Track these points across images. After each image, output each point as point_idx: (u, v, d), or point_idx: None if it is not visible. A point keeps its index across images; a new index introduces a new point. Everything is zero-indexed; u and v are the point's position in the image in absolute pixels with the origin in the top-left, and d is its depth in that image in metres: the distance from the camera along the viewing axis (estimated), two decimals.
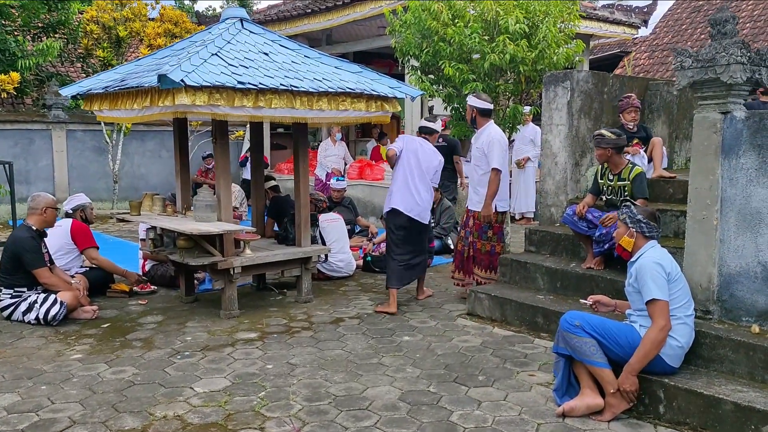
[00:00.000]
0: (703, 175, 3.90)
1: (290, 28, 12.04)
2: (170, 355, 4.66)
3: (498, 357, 4.64)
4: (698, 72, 3.80)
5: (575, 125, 6.16)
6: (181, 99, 4.64)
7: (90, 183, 12.28)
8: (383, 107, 5.79)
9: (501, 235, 6.13)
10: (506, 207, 6.15)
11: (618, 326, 3.70)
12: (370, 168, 11.40)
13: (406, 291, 6.35)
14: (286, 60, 5.53)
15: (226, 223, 5.43)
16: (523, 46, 7.27)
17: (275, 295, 6.38)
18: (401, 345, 4.90)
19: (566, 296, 5.30)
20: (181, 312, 5.78)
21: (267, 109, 5.09)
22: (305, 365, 4.48)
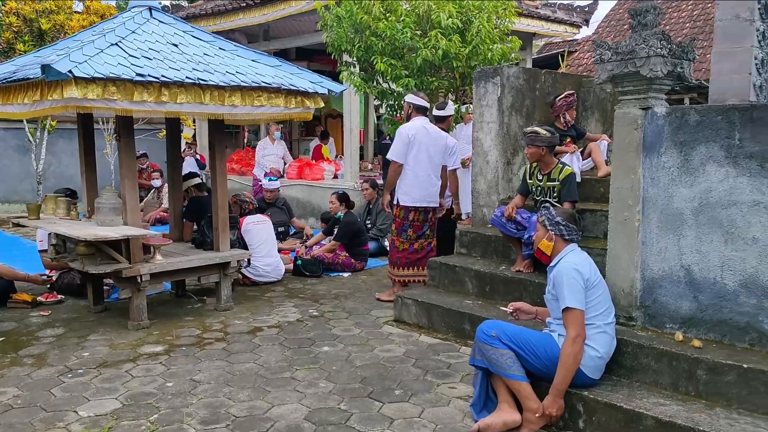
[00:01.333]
0: (624, 174, 3.70)
1: (225, 23, 11.60)
2: (61, 373, 4.25)
3: (419, 368, 4.36)
4: (618, 65, 3.59)
5: (506, 122, 5.94)
6: (71, 92, 4.23)
7: (12, 184, 11.62)
8: (304, 103, 5.47)
9: (399, 230, 6.04)
10: (407, 202, 5.99)
11: (536, 336, 3.47)
12: (309, 168, 11.05)
13: (335, 293, 6.04)
14: (198, 52, 5.16)
15: (132, 227, 5.02)
16: (456, 41, 7.06)
17: (194, 303, 5.99)
18: (319, 356, 4.59)
19: (495, 301, 5.07)
20: (85, 323, 5.35)
21: (172, 104, 4.71)
22: (210, 381, 4.12)
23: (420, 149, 5.95)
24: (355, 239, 7.40)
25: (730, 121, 3.32)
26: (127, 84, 4.48)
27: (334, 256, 7.29)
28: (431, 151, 5.99)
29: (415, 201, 5.97)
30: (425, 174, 5.96)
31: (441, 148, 6.09)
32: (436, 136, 6.05)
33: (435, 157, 6.02)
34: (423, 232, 6.07)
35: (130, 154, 5.12)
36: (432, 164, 6.00)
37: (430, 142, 5.99)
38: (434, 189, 6.04)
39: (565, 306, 3.31)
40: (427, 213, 6.05)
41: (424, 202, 6.00)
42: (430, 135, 6.00)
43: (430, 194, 6.00)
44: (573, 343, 3.26)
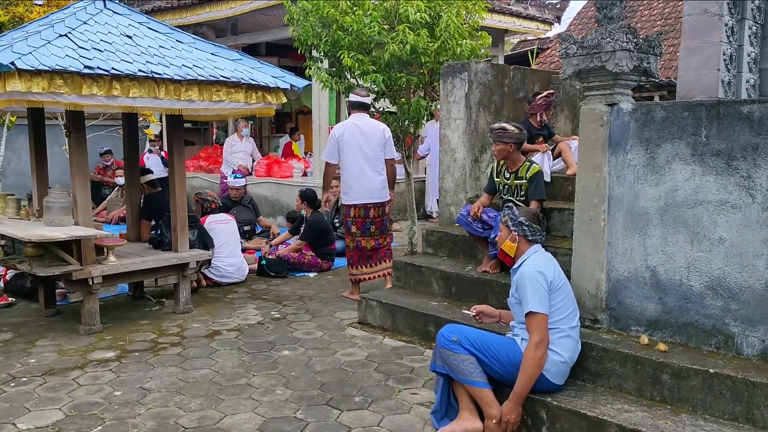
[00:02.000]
0: (589, 172, 3.59)
1: (192, 17, 11.33)
2: (3, 382, 4.03)
3: (381, 373, 4.22)
4: (583, 60, 3.47)
5: (474, 119, 5.82)
6: (14, 85, 4.00)
7: None
8: (265, 99, 5.28)
9: (346, 228, 6.10)
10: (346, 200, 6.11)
11: (498, 341, 3.34)
12: (278, 165, 10.85)
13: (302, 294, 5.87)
14: (153, 44, 4.95)
15: (81, 227, 4.80)
16: (424, 36, 6.90)
17: (151, 306, 5.78)
18: (278, 361, 4.42)
19: (461, 302, 4.94)
20: (35, 328, 5.12)
21: (124, 98, 4.50)
22: (161, 390, 3.93)
23: (350, 147, 5.90)
24: (322, 238, 7.23)
25: (697, 118, 3.22)
26: (75, 77, 4.25)
27: (300, 256, 7.12)
28: (364, 147, 5.92)
29: (352, 199, 5.97)
30: (359, 170, 5.92)
31: (376, 141, 5.97)
32: (368, 131, 5.96)
33: (370, 152, 5.93)
34: (367, 229, 6.01)
35: (81, 150, 4.90)
36: (367, 159, 5.93)
37: (362, 137, 5.92)
38: (373, 184, 5.95)
39: (529, 310, 3.18)
40: (368, 209, 5.98)
41: (363, 198, 5.95)
42: (361, 130, 5.94)
43: (367, 190, 5.94)
44: (536, 348, 3.14)
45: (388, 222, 6.24)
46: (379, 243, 6.09)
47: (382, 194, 6.00)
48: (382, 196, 6.00)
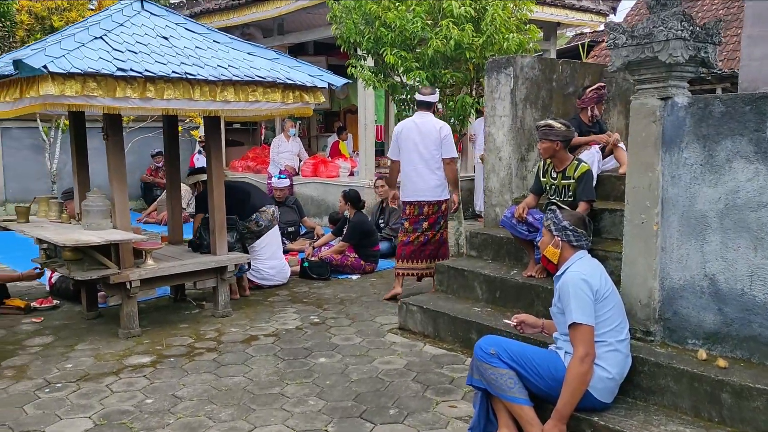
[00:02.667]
0: (641, 172, 3.32)
1: (239, 17, 11.35)
2: (39, 387, 4.02)
3: (420, 383, 4.03)
4: (633, 50, 3.20)
5: (520, 116, 5.56)
6: (47, 89, 3.98)
7: (27, 183, 11.53)
8: (302, 98, 5.15)
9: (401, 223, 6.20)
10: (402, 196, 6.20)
11: (540, 354, 3.11)
12: (324, 165, 10.76)
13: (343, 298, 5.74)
14: (189, 45, 4.88)
15: (119, 231, 4.78)
16: (469, 31, 6.67)
17: (192, 308, 5.74)
18: (313, 369, 4.29)
19: (505, 308, 4.72)
20: (76, 331, 5.13)
21: (158, 100, 4.44)
22: (192, 398, 3.85)
23: (407, 145, 5.94)
24: (365, 240, 7.08)
25: (760, 112, 2.92)
26: (108, 79, 4.21)
27: (343, 258, 6.99)
28: (420, 145, 5.91)
29: (406, 196, 6.02)
30: (412, 168, 5.94)
31: (433, 141, 5.89)
32: (425, 129, 5.91)
33: (425, 151, 5.89)
34: (419, 226, 5.97)
35: (118, 154, 4.88)
36: (422, 158, 5.91)
37: (419, 136, 5.90)
38: (427, 183, 5.92)
39: (572, 321, 2.95)
40: (421, 206, 5.94)
41: (415, 196, 5.94)
42: (418, 128, 5.93)
43: (420, 189, 5.92)
44: (581, 362, 2.90)
45: (443, 220, 6.14)
46: (428, 238, 6.00)
47: (437, 193, 5.93)
48: (437, 195, 5.93)
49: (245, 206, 6.16)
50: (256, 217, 6.18)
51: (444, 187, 5.99)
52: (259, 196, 6.48)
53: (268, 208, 6.34)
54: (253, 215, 6.18)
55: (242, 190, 6.35)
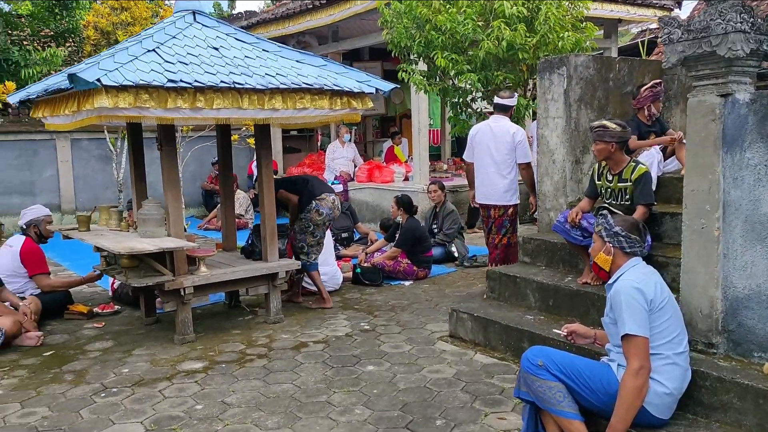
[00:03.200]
0: (700, 174, 3.14)
1: (294, 26, 11.50)
2: (96, 392, 4.12)
3: (468, 393, 3.94)
4: (690, 45, 3.03)
5: (574, 117, 5.39)
6: (101, 101, 4.09)
7: (96, 192, 11.98)
8: (350, 104, 5.14)
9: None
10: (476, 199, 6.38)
11: (591, 366, 2.98)
12: (379, 170, 10.75)
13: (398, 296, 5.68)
14: (239, 55, 4.93)
15: (172, 239, 4.87)
16: (521, 31, 6.54)
17: (245, 315, 5.80)
18: (361, 377, 4.25)
19: (559, 316, 4.57)
20: (135, 336, 5.26)
21: (208, 110, 4.50)
22: (241, 405, 3.87)
23: (481, 147, 6.10)
24: (418, 245, 7.01)
25: None
26: (160, 91, 4.30)
27: (395, 264, 6.94)
28: (492, 149, 6.04)
29: (479, 198, 6.24)
30: (484, 171, 6.11)
31: (506, 144, 6.00)
32: (498, 133, 6.02)
33: (497, 155, 6.03)
34: (489, 228, 6.18)
35: (172, 163, 4.98)
36: (493, 162, 6.05)
37: (492, 139, 6.02)
38: (495, 188, 6.06)
39: (625, 332, 2.80)
40: (489, 209, 6.13)
41: (484, 199, 6.15)
42: (492, 132, 6.05)
43: (489, 192, 6.10)
44: (635, 376, 2.75)
45: (509, 224, 6.18)
46: (494, 242, 6.11)
47: (505, 198, 6.04)
48: (505, 199, 6.04)
49: (302, 195, 5.90)
50: (316, 205, 5.83)
51: (513, 191, 6.09)
52: (318, 185, 6.10)
53: (327, 196, 5.93)
54: (312, 203, 5.85)
55: (301, 180, 6.14)
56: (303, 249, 5.87)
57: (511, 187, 6.06)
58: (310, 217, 5.84)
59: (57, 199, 11.82)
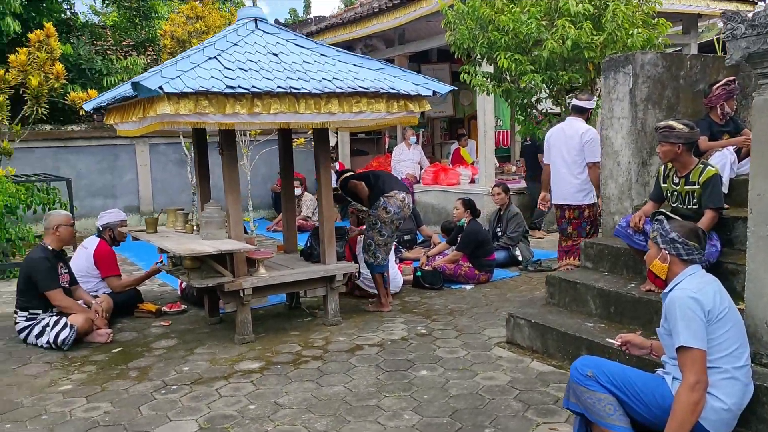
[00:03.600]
0: (766, 177, 2.94)
1: (361, 30, 11.58)
2: (156, 389, 4.27)
3: (521, 402, 3.84)
4: (754, 41, 2.86)
5: (641, 117, 5.18)
6: (163, 108, 4.23)
7: (173, 195, 12.44)
8: (407, 107, 5.12)
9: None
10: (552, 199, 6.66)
11: (644, 379, 2.84)
12: (444, 172, 10.69)
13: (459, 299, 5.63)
14: (297, 60, 5.01)
15: (231, 241, 4.99)
16: (587, 29, 6.35)
17: (304, 316, 5.87)
18: (413, 382, 4.22)
19: (621, 324, 4.40)
20: (198, 335, 5.42)
21: (266, 115, 4.59)
22: (292, 406, 3.92)
23: (554, 149, 6.37)
24: (479, 249, 6.91)
25: None
26: (219, 97, 4.41)
27: (456, 267, 6.87)
28: (563, 150, 6.24)
29: (554, 198, 6.49)
30: (557, 172, 6.36)
31: (575, 145, 6.16)
32: (571, 134, 6.20)
33: (568, 155, 6.21)
34: (564, 229, 6.36)
35: (232, 167, 5.11)
36: (564, 162, 6.27)
37: (563, 140, 6.22)
38: (567, 187, 6.24)
39: (680, 344, 2.66)
40: (563, 210, 6.30)
41: (557, 199, 6.42)
42: (564, 133, 6.27)
43: (562, 192, 6.33)
44: (690, 391, 2.61)
45: (589, 225, 6.27)
46: (575, 244, 6.20)
47: (578, 198, 6.17)
48: (578, 199, 6.16)
49: (372, 190, 5.84)
50: (384, 203, 5.70)
51: (588, 192, 6.22)
52: (389, 181, 5.93)
53: (396, 194, 5.76)
54: (380, 200, 5.74)
55: (373, 175, 6.02)
56: (370, 247, 5.80)
57: (584, 188, 6.25)
58: (378, 214, 5.74)
59: (136, 201, 12.35)
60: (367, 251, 5.83)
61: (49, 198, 8.29)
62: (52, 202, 8.28)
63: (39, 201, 8.15)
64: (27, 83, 9.81)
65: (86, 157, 11.96)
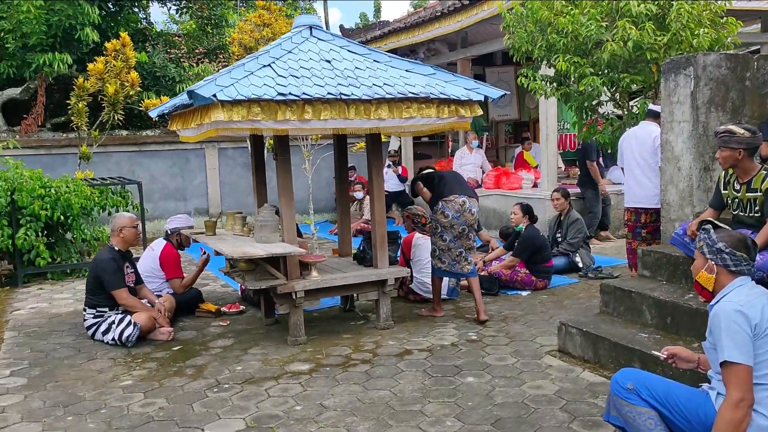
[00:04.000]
0: None
1: (423, 34, 11.59)
2: (210, 387, 4.41)
3: (567, 412, 3.77)
4: None
5: (702, 121, 4.98)
6: (217, 115, 4.39)
7: (240, 198, 12.79)
8: (458, 112, 5.11)
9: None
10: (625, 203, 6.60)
11: (687, 393, 2.74)
12: (506, 176, 10.57)
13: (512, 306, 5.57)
14: (349, 66, 5.08)
15: (284, 244, 5.10)
16: (649, 30, 6.15)
17: (357, 320, 5.94)
18: (459, 388, 4.20)
19: (677, 336, 4.25)
20: (254, 336, 5.56)
21: (316, 121, 4.69)
22: (337, 408, 3.98)
23: (627, 153, 6.35)
24: (536, 255, 6.80)
25: None
26: (270, 104, 4.54)
27: (513, 273, 6.78)
28: (636, 153, 6.22)
29: (628, 202, 6.42)
30: (631, 175, 6.33)
31: (648, 148, 6.12)
32: (643, 137, 6.18)
33: (641, 159, 6.21)
34: (638, 234, 6.26)
35: (286, 172, 5.22)
36: (638, 165, 6.23)
37: (636, 144, 6.22)
38: (642, 191, 6.19)
39: (724, 359, 2.55)
40: (638, 214, 6.26)
41: (632, 202, 6.35)
42: (636, 136, 6.26)
43: (636, 196, 6.27)
44: (734, 408, 2.50)
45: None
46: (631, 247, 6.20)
47: (654, 201, 6.06)
48: (654, 202, 6.04)
49: (434, 193, 5.74)
50: (442, 207, 5.59)
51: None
52: (451, 184, 5.72)
53: (456, 198, 5.58)
54: (439, 204, 5.63)
55: (437, 176, 5.86)
56: (435, 252, 5.76)
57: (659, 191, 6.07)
58: (437, 218, 5.69)
59: (205, 204, 12.77)
60: (433, 256, 5.80)
61: (122, 200, 8.69)
62: (125, 204, 8.67)
63: (112, 203, 8.56)
64: (104, 91, 10.35)
65: (159, 161, 12.46)
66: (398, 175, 12.35)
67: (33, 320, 6.29)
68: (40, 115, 11.94)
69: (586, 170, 9.13)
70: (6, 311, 6.71)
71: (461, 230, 5.65)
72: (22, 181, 7.68)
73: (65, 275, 8.25)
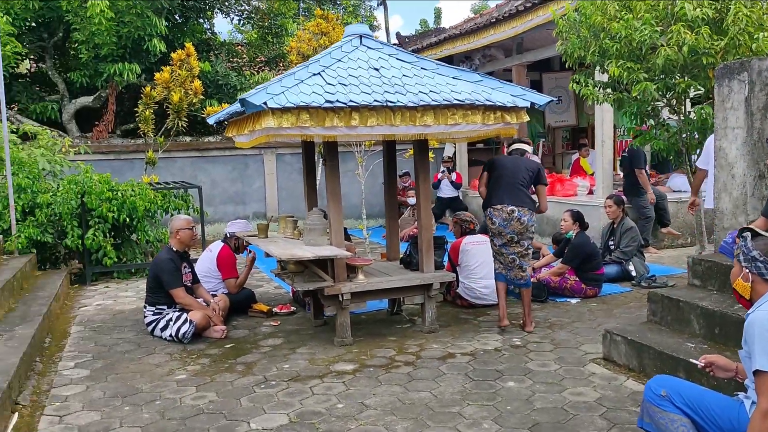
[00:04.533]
0: None
1: (479, 40, 11.60)
2: (258, 383, 4.59)
3: (607, 420, 3.75)
4: None
5: (758, 127, 4.85)
6: (267, 122, 4.57)
7: (296, 202, 13.06)
8: (504, 119, 5.15)
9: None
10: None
11: (721, 402, 2.72)
12: (560, 183, 10.46)
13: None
14: (397, 74, 5.18)
15: (330, 247, 5.24)
16: (705, 34, 6.03)
17: (403, 323, 6.03)
18: (498, 392, 4.24)
19: (725, 346, 4.16)
20: (302, 336, 5.73)
21: (362, 127, 4.81)
22: (377, 407, 4.08)
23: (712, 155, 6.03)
24: (587, 263, 6.74)
25: None
26: (318, 111, 4.69)
27: (562, 280, 6.74)
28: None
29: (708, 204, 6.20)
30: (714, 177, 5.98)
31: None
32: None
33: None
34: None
35: (334, 177, 5.36)
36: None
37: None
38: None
39: (756, 368, 2.53)
40: None
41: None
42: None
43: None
44: (764, 418, 2.47)
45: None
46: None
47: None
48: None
49: (486, 198, 5.69)
50: (490, 213, 5.58)
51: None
52: (503, 192, 5.58)
53: (504, 207, 5.51)
54: (487, 210, 5.61)
55: (495, 178, 5.70)
56: (493, 255, 5.78)
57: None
58: (486, 223, 5.73)
59: (263, 208, 13.12)
60: (494, 258, 5.81)
61: (183, 204, 9.06)
62: (186, 207, 9.04)
63: (174, 206, 8.94)
64: (169, 98, 10.81)
65: (220, 167, 12.89)
66: (452, 181, 12.38)
67: (98, 316, 6.65)
68: (111, 122, 12.56)
69: (632, 178, 8.93)
70: (74, 307, 7.11)
71: (510, 238, 5.58)
72: (91, 184, 8.12)
73: (130, 274, 8.66)
